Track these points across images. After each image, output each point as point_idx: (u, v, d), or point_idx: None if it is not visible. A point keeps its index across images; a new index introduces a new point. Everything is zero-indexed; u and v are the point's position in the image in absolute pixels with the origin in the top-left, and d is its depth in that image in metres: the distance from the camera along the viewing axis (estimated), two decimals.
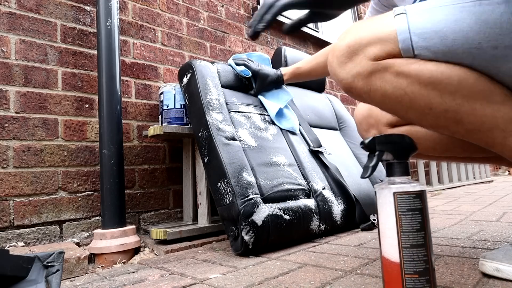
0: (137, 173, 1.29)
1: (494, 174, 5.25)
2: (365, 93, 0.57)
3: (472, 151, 0.71)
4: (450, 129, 0.54)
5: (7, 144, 1.03)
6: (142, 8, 1.42)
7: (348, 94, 0.61)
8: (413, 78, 0.52)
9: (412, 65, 0.52)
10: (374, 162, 0.50)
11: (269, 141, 1.15)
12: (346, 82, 0.58)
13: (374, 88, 0.55)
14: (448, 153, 0.74)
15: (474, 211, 1.47)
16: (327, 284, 0.65)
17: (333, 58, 0.59)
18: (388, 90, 0.54)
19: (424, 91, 0.52)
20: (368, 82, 0.55)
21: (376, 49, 0.54)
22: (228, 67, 1.29)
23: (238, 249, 0.92)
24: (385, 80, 0.54)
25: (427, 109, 0.53)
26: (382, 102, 0.57)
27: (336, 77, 0.60)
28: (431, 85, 0.51)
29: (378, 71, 0.54)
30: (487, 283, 0.59)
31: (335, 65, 0.58)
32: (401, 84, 0.53)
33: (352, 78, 0.57)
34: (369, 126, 0.86)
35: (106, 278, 0.81)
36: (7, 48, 1.06)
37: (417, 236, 0.47)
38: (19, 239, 1.01)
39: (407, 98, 0.53)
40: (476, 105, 0.50)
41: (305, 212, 1.04)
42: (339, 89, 2.54)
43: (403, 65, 0.53)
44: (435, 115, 0.53)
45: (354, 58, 0.56)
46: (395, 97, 0.54)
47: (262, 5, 0.68)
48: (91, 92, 1.22)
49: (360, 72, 0.56)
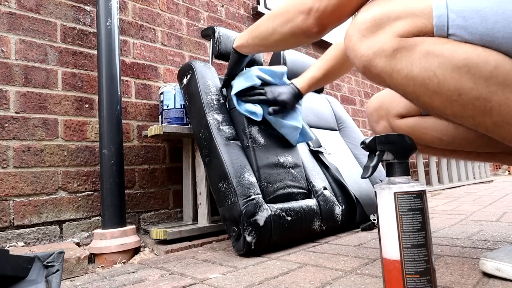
0: (137, 173, 1.29)
1: (494, 174, 5.26)
2: (386, 73, 0.51)
3: (478, 145, 0.70)
4: (476, 120, 0.49)
5: (7, 144, 1.03)
6: (142, 8, 1.41)
7: (365, 74, 0.55)
8: (446, 59, 0.47)
9: (446, 45, 0.47)
10: (375, 162, 0.50)
11: (278, 138, 1.13)
12: (366, 59, 0.52)
13: (397, 68, 0.50)
14: (454, 146, 0.73)
15: (474, 211, 1.47)
16: (327, 284, 0.65)
17: (354, 31, 0.53)
18: (413, 71, 0.49)
19: (456, 74, 0.47)
20: (391, 61, 0.50)
21: (405, 24, 0.49)
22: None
23: (240, 250, 0.92)
24: (412, 59, 0.49)
25: (456, 95, 0.48)
26: (404, 84, 0.51)
27: (354, 52, 0.53)
28: (465, 67, 0.46)
29: (404, 49, 0.49)
30: (487, 283, 0.59)
31: (355, 38, 0.52)
32: (431, 65, 0.48)
33: (373, 54, 0.51)
34: (379, 118, 0.85)
35: (106, 278, 0.81)
36: (7, 48, 1.06)
37: (418, 236, 0.47)
38: (19, 239, 1.01)
39: (435, 81, 0.48)
40: (510, 95, 0.46)
41: (307, 212, 1.04)
42: (339, 89, 2.54)
43: (435, 43, 0.48)
44: (463, 102, 0.48)
45: (378, 33, 0.50)
46: (422, 79, 0.49)
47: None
48: (91, 92, 1.21)
49: (384, 49, 0.50)
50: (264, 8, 1.99)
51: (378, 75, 0.52)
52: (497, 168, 5.54)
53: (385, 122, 0.84)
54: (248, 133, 1.06)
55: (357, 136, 1.57)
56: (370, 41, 0.51)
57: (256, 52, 0.97)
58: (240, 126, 1.08)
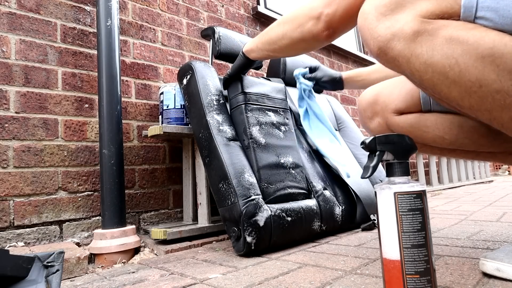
0: (137, 173, 1.29)
1: (494, 174, 5.26)
2: (404, 57, 0.47)
3: (481, 145, 0.68)
4: (492, 114, 0.46)
5: (7, 144, 1.03)
6: (142, 8, 1.41)
7: (379, 57, 0.50)
8: (471, 47, 0.43)
9: (472, 31, 0.44)
10: (375, 162, 0.50)
11: (280, 138, 1.13)
12: (383, 40, 0.48)
13: (417, 52, 0.46)
14: (456, 145, 0.70)
15: (474, 211, 1.47)
16: (327, 284, 0.65)
17: (371, 8, 0.49)
18: (434, 57, 0.45)
19: (479, 64, 0.43)
20: (411, 44, 0.46)
21: (429, 4, 0.45)
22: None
23: (240, 250, 0.92)
24: (434, 44, 0.45)
25: (476, 86, 0.44)
26: (422, 71, 0.47)
27: (370, 32, 0.49)
28: (490, 57, 0.43)
29: (426, 32, 0.45)
30: (487, 283, 0.59)
31: (372, 17, 0.48)
32: (454, 52, 0.44)
33: (391, 36, 0.47)
34: (373, 114, 0.79)
35: (106, 278, 0.81)
36: (7, 48, 1.06)
37: (418, 236, 0.47)
38: (19, 239, 1.01)
39: (456, 69, 0.44)
40: None
41: (307, 212, 1.04)
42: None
43: (460, 28, 0.44)
44: (483, 95, 0.45)
45: (398, 11, 0.46)
46: (442, 67, 0.45)
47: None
48: (91, 92, 1.21)
49: (404, 30, 0.46)
50: (264, 8, 1.98)
51: (394, 58, 0.48)
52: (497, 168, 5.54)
53: (380, 119, 0.78)
54: (249, 133, 1.06)
55: (357, 136, 1.57)
56: (389, 21, 0.47)
57: (265, 58, 0.98)
58: (241, 126, 1.08)
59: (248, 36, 1.63)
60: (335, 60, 2.56)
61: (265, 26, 1.98)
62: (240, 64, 1.05)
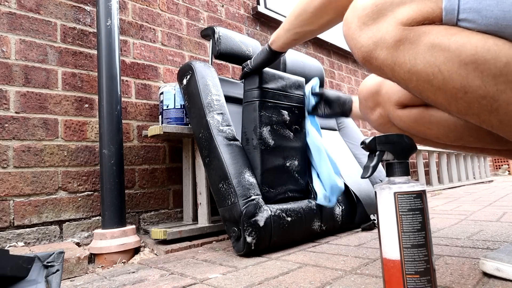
0: (137, 173, 1.29)
1: (494, 174, 5.26)
2: (388, 66, 0.47)
3: (486, 143, 0.65)
4: (481, 117, 0.46)
5: (7, 144, 1.03)
6: (142, 8, 1.41)
7: (365, 66, 0.50)
8: (453, 54, 0.43)
9: (454, 37, 0.43)
10: (375, 162, 0.50)
11: (289, 139, 1.11)
12: (366, 50, 0.48)
13: (400, 61, 0.46)
14: (460, 142, 0.68)
15: (474, 211, 1.47)
16: (327, 284, 0.65)
17: (353, 18, 0.48)
18: (417, 66, 0.45)
19: (463, 71, 0.43)
20: (393, 53, 0.46)
21: (409, 10, 0.44)
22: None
23: (240, 250, 0.92)
24: (416, 53, 0.45)
25: (462, 93, 0.44)
26: (407, 79, 0.47)
27: (353, 42, 0.49)
28: (473, 64, 0.42)
29: (408, 40, 0.45)
30: (487, 283, 0.59)
31: (355, 26, 0.48)
32: (436, 60, 0.44)
33: (374, 45, 0.47)
34: (375, 105, 0.76)
35: (106, 278, 0.81)
36: (7, 48, 1.06)
37: (418, 236, 0.47)
38: (19, 239, 1.01)
39: (440, 77, 0.44)
40: None
41: (307, 212, 1.04)
42: (339, 89, 2.54)
43: (442, 35, 0.43)
44: (469, 100, 0.44)
45: (380, 20, 0.46)
46: (425, 75, 0.45)
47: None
48: (91, 92, 1.21)
49: (386, 39, 0.46)
50: (264, 8, 1.98)
51: (379, 67, 0.48)
52: (497, 168, 5.54)
53: (382, 110, 0.74)
54: (259, 133, 1.03)
55: (357, 136, 1.57)
56: (371, 30, 0.46)
57: (292, 40, 0.90)
58: (252, 124, 1.05)
59: (248, 36, 1.63)
60: (335, 60, 2.56)
61: (265, 26, 1.98)
62: (263, 57, 0.99)
